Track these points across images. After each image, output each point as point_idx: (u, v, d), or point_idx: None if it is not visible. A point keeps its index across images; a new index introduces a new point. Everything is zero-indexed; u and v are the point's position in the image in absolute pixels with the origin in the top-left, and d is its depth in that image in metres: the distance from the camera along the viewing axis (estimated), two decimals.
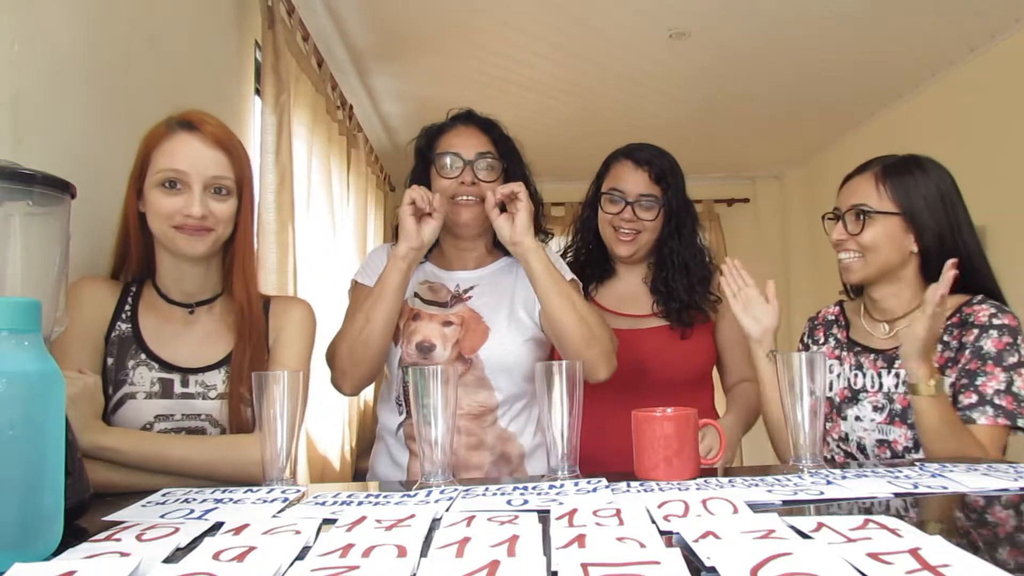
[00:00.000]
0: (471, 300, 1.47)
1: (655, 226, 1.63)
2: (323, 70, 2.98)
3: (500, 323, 1.44)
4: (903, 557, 0.59)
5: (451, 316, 1.45)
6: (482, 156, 1.43)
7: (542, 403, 1.02)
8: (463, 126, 1.48)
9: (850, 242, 1.36)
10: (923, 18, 3.02)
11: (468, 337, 1.42)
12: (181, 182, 1.14)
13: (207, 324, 1.23)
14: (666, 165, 1.63)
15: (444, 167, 1.42)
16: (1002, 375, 1.24)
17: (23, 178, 0.81)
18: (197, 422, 1.18)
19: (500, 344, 1.42)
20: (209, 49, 2.02)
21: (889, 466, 1.07)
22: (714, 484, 0.94)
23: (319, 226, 2.89)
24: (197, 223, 1.14)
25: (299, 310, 1.30)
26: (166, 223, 1.14)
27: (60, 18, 1.28)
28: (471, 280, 1.49)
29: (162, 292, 1.22)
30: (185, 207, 1.13)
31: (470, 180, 1.41)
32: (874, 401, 1.36)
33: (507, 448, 1.43)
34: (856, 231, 1.34)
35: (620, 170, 1.65)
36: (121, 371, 1.16)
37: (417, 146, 1.52)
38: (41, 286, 0.84)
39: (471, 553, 0.65)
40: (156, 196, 1.14)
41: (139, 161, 1.17)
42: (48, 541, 0.67)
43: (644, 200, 1.61)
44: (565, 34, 3.13)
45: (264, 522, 0.79)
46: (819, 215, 1.50)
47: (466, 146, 1.43)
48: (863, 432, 1.36)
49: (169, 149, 1.15)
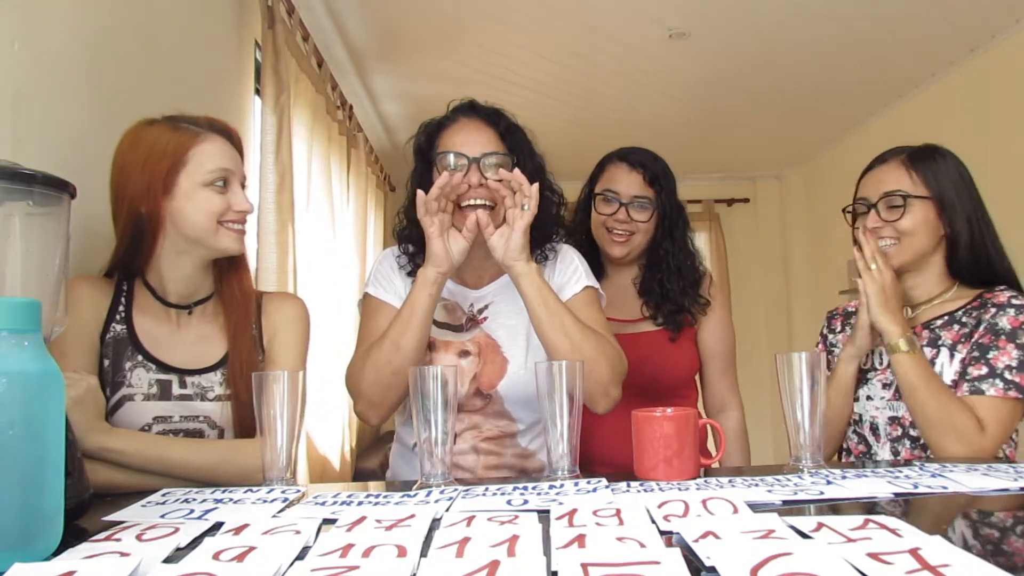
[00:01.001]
0: (486, 322, 1.38)
1: (648, 228, 1.64)
2: (323, 70, 2.98)
3: (517, 353, 1.35)
4: (903, 557, 0.59)
5: (467, 344, 1.36)
6: (488, 154, 1.29)
7: (542, 403, 1.02)
8: (466, 119, 1.34)
9: (886, 229, 1.35)
10: (923, 18, 3.02)
11: (486, 371, 1.34)
12: (226, 181, 1.18)
13: (201, 325, 1.23)
14: (659, 168, 1.65)
15: (448, 168, 1.28)
16: (1015, 352, 1.23)
17: (23, 178, 0.81)
18: (195, 424, 1.18)
19: (519, 377, 1.34)
20: (209, 49, 2.02)
21: (891, 465, 1.07)
22: (714, 484, 0.94)
23: (319, 226, 2.89)
24: (243, 217, 1.20)
25: (293, 308, 1.30)
26: (213, 219, 1.16)
27: (60, 18, 1.28)
28: (485, 299, 1.40)
29: (155, 292, 1.21)
30: (236, 203, 1.18)
31: (477, 181, 1.28)
32: (882, 379, 1.37)
33: (526, 464, 1.38)
34: (893, 218, 1.34)
35: (614, 172, 1.66)
36: (118, 373, 1.16)
37: (416, 144, 1.39)
38: (41, 286, 0.84)
39: (471, 553, 0.65)
40: (205, 194, 1.16)
41: (163, 158, 1.14)
42: (48, 541, 0.67)
43: (638, 201, 1.61)
44: (565, 34, 3.13)
45: (264, 522, 0.78)
46: (819, 215, 1.51)
47: (470, 142, 1.30)
48: (875, 411, 1.37)
49: (211, 150, 1.17)
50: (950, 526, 0.78)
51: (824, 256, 4.97)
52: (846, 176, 1.53)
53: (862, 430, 1.39)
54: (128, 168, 1.15)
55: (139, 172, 1.14)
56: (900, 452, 1.33)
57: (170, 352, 1.19)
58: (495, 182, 1.27)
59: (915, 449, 1.31)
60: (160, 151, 1.15)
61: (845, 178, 1.61)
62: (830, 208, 5.19)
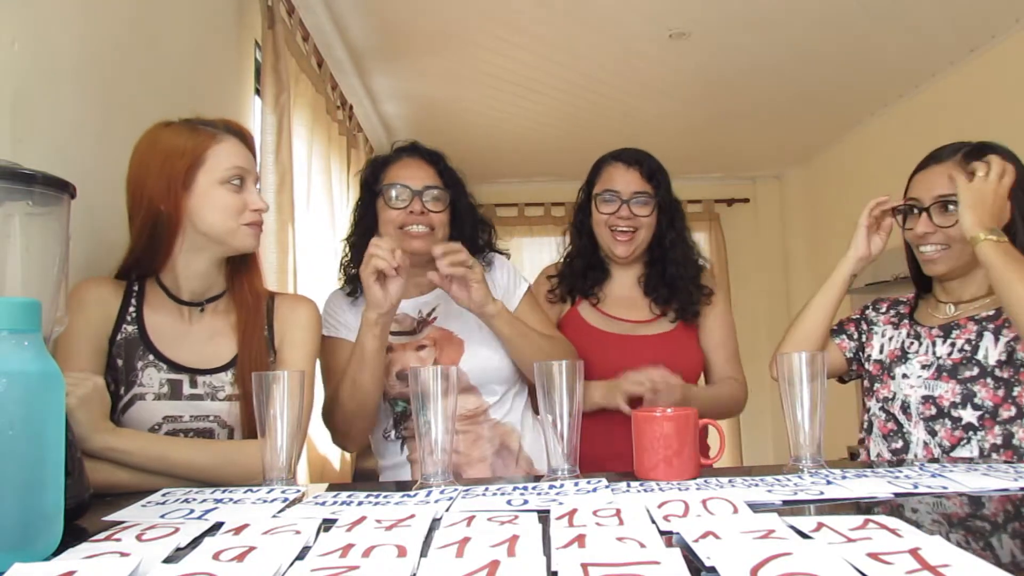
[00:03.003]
0: (437, 321, 1.50)
1: (650, 223, 1.65)
2: (323, 70, 2.98)
3: (472, 335, 1.47)
4: (903, 557, 0.59)
5: (423, 340, 1.48)
6: (429, 188, 1.45)
7: (542, 403, 1.02)
8: (409, 158, 1.50)
9: (937, 235, 1.32)
10: (923, 18, 3.03)
11: (445, 355, 1.46)
12: (243, 180, 1.20)
13: (212, 322, 1.24)
14: (654, 164, 1.68)
15: (391, 198, 1.44)
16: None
17: (23, 178, 0.81)
18: (206, 423, 1.18)
19: (477, 354, 1.46)
20: (209, 49, 2.02)
21: (892, 464, 1.07)
22: (714, 484, 0.94)
23: (319, 226, 2.89)
24: (259, 217, 1.22)
25: (305, 310, 1.31)
26: (234, 219, 1.18)
27: (60, 18, 1.28)
28: (431, 303, 1.52)
29: (169, 290, 1.22)
30: (252, 202, 1.21)
31: (419, 210, 1.43)
32: (923, 360, 1.36)
33: (506, 438, 1.47)
34: (946, 223, 1.30)
35: (611, 171, 1.68)
36: (131, 372, 1.16)
37: (363, 178, 1.54)
38: (41, 286, 0.84)
39: (471, 553, 0.65)
40: (221, 193, 1.18)
41: (187, 161, 1.16)
42: (48, 541, 0.67)
43: (638, 197, 1.63)
44: (565, 34, 3.13)
45: (264, 522, 0.78)
46: (819, 215, 1.51)
47: (413, 177, 1.46)
48: (909, 389, 1.36)
49: (227, 150, 1.20)
50: (950, 526, 0.78)
51: (824, 256, 4.97)
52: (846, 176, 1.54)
53: (892, 408, 1.38)
54: (147, 168, 1.17)
55: (158, 171, 1.16)
56: (938, 432, 1.31)
57: (182, 351, 1.20)
58: (433, 214, 1.44)
59: (956, 430, 1.29)
60: (179, 150, 1.17)
61: (845, 178, 1.62)
62: (830, 208, 5.21)
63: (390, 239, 1.37)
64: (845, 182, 4.63)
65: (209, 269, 1.23)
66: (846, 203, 1.39)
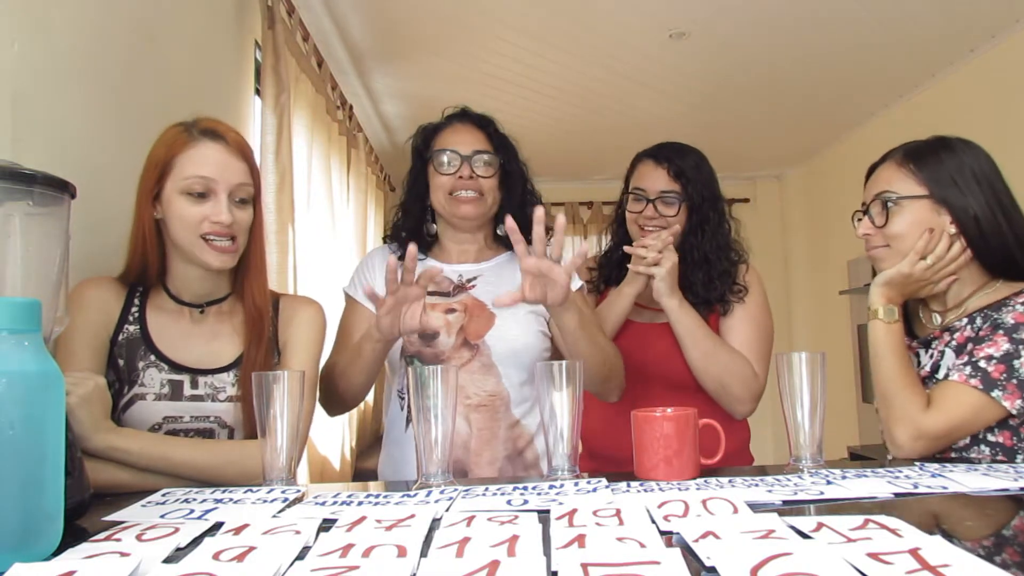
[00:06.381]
0: (475, 289, 1.46)
1: (678, 222, 1.64)
2: (323, 70, 2.98)
3: (506, 311, 1.43)
4: (903, 557, 0.59)
5: (454, 304, 1.45)
6: (479, 152, 1.45)
7: (542, 403, 1.02)
8: (459, 123, 1.50)
9: (876, 237, 1.29)
10: (923, 18, 3.02)
11: (473, 323, 1.42)
12: (208, 190, 1.15)
13: (216, 324, 1.23)
14: (687, 163, 1.64)
15: (442, 164, 1.44)
16: (1005, 344, 1.15)
17: (23, 178, 0.81)
18: (206, 424, 1.18)
19: (507, 329, 1.41)
20: (209, 49, 2.02)
21: (890, 466, 1.07)
22: (714, 484, 0.94)
23: (319, 226, 2.89)
24: (225, 230, 1.15)
25: (310, 311, 1.31)
26: (193, 232, 1.14)
27: (60, 18, 1.28)
28: (474, 272, 1.49)
29: (172, 294, 1.22)
30: (213, 214, 1.14)
31: (468, 175, 1.43)
32: None
33: (520, 444, 1.41)
34: (882, 223, 1.27)
35: (642, 169, 1.68)
36: (133, 372, 1.16)
37: (414, 145, 1.54)
38: (41, 286, 0.84)
39: (471, 553, 0.65)
40: (182, 203, 1.14)
41: (156, 166, 1.15)
42: (48, 541, 0.67)
43: (665, 196, 1.63)
44: (565, 34, 3.13)
45: (264, 522, 0.78)
46: (819, 215, 1.50)
47: (463, 143, 1.45)
48: None
49: (195, 156, 1.15)
50: (950, 526, 0.78)
51: (824, 256, 4.97)
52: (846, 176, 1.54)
53: None
54: (143, 173, 1.17)
55: (141, 179, 1.17)
56: None
57: (184, 351, 1.19)
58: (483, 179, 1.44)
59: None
60: (155, 158, 1.16)
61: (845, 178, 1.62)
62: (830, 208, 5.21)
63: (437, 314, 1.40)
64: (845, 182, 4.62)
65: (206, 276, 1.21)
66: (846, 203, 1.38)
